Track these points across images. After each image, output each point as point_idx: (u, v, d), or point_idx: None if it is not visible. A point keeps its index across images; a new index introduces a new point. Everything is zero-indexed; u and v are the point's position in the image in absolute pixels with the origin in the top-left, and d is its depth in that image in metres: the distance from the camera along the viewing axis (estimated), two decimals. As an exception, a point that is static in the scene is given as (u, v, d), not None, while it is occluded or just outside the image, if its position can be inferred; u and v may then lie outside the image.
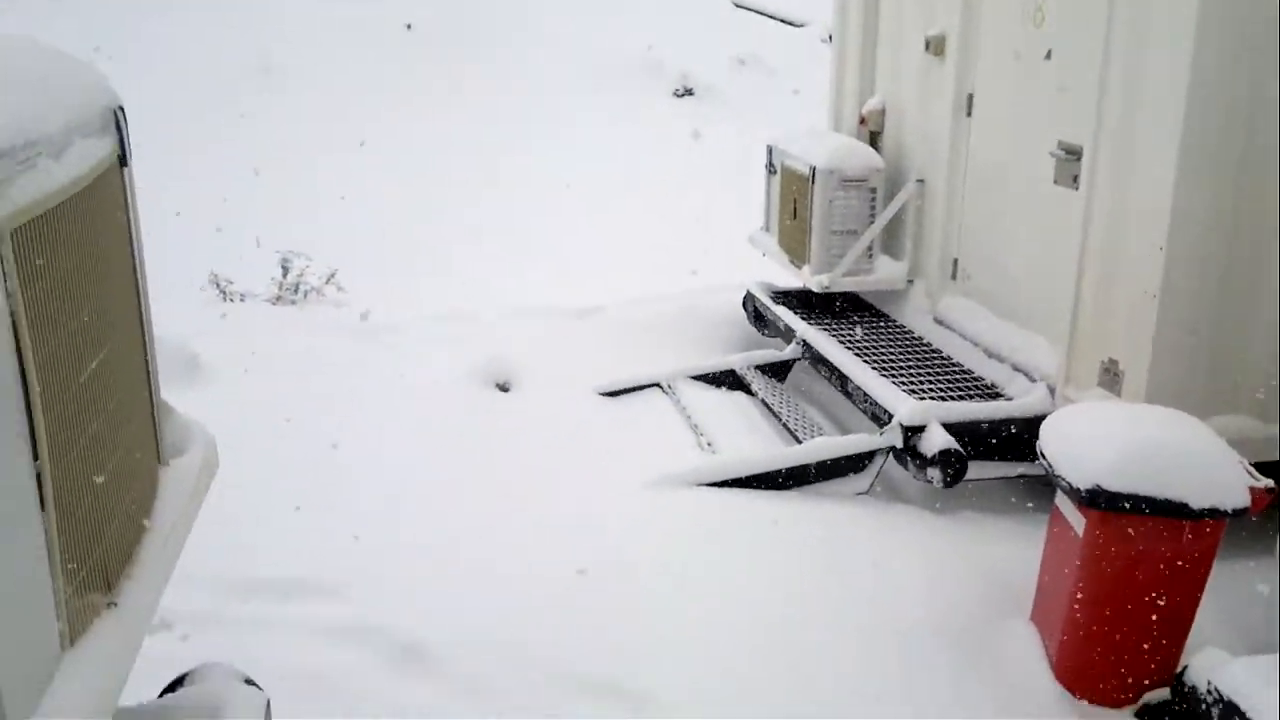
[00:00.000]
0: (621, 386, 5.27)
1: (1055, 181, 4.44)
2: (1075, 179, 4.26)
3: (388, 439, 4.38)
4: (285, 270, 6.19)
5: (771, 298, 5.91)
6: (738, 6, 13.48)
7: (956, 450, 4.07)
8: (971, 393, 4.60)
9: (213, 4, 10.47)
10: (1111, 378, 3.96)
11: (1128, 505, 2.86)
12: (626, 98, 10.17)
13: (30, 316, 1.34)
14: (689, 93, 10.52)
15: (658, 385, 5.32)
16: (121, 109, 1.95)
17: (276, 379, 4.78)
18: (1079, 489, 2.91)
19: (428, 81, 9.95)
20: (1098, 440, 2.99)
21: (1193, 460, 2.91)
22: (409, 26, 10.69)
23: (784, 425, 4.86)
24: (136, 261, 1.96)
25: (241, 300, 6.07)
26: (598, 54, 10.75)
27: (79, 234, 1.58)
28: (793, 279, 5.89)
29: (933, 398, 4.47)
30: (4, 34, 1.72)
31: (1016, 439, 4.23)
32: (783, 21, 13.19)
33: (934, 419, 4.18)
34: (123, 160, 1.92)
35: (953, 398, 4.51)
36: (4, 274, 1.29)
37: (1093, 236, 4.05)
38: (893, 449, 4.25)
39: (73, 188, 1.57)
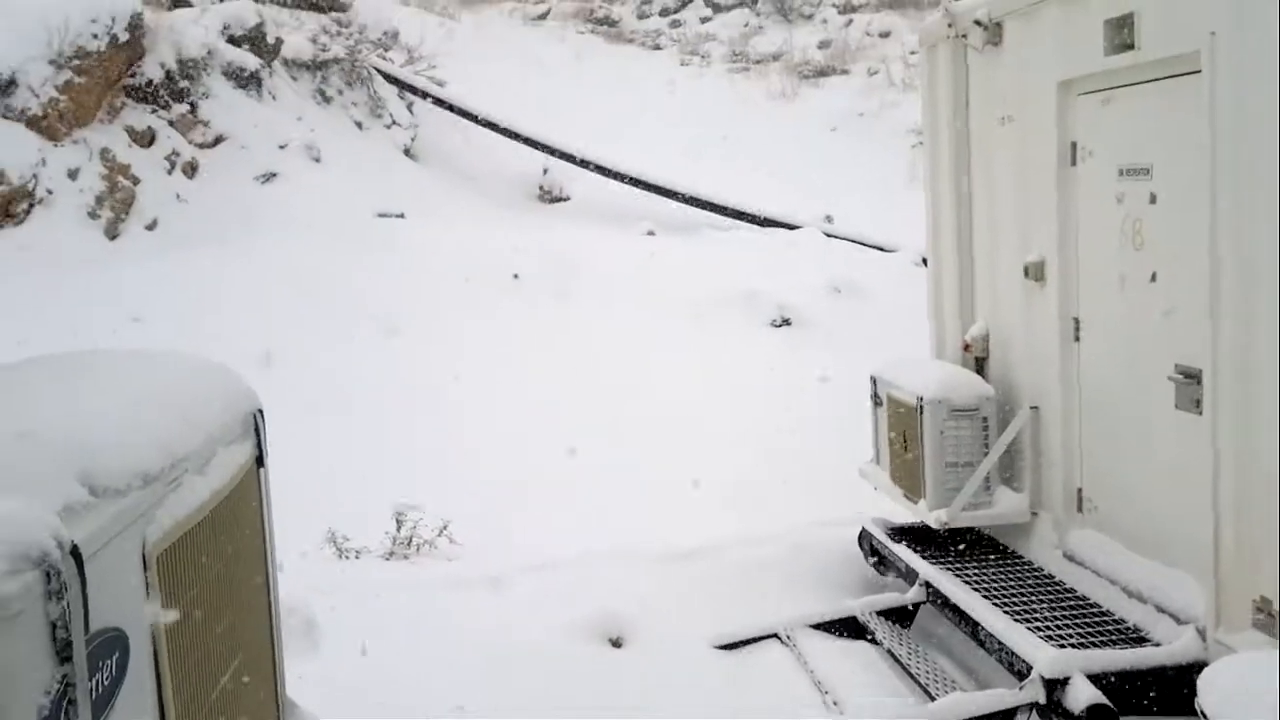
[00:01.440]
0: (738, 639, 5.11)
1: (1177, 406, 4.32)
2: (1198, 403, 4.14)
3: (503, 707, 4.29)
4: (399, 524, 6.27)
5: (889, 535, 5.73)
6: (829, 236, 13.89)
7: (1107, 707, 3.76)
8: (1114, 638, 4.31)
9: (331, 253, 11.20)
10: (1266, 619, 3.69)
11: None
12: (725, 331, 10.39)
13: (170, 637, 1.37)
14: (786, 322, 10.70)
15: (776, 636, 5.14)
16: (260, 412, 2.04)
17: (391, 644, 4.77)
18: (1250, 755, 2.67)
19: (533, 326, 10.35)
20: (1260, 698, 2.76)
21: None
22: (516, 276, 11.23)
23: (914, 679, 4.61)
24: (269, 559, 2.01)
25: (357, 557, 6.15)
26: (696, 291, 11.09)
27: (218, 544, 1.64)
28: (908, 514, 5.74)
29: (1073, 645, 4.20)
30: (155, 351, 1.84)
31: (1168, 690, 3.92)
32: (874, 248, 13.51)
33: (1077, 670, 3.91)
34: (260, 460, 2.00)
35: (1094, 644, 4.23)
36: (148, 600, 1.32)
37: (1224, 463, 3.89)
38: (1035, 705, 3.97)
39: (213, 500, 1.63)
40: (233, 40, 15.01)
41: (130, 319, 9.57)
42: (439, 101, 17.52)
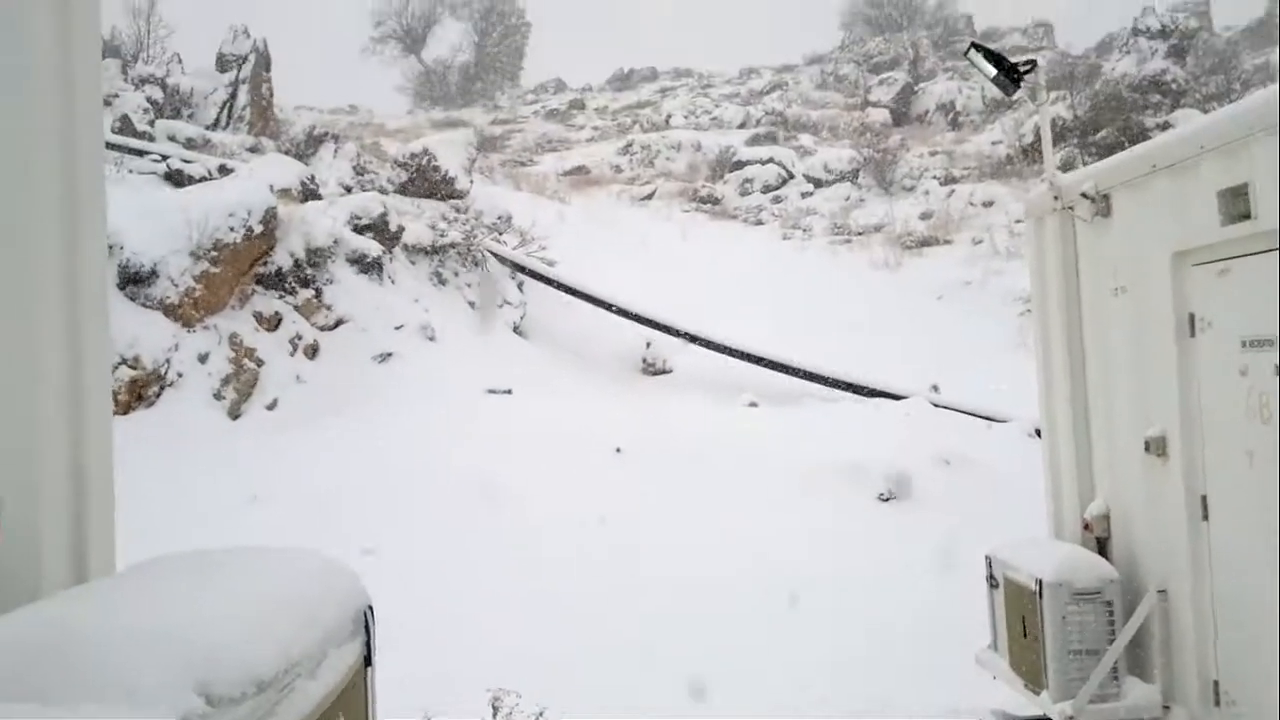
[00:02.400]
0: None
1: (1320, 593, 4.05)
2: (1342, 589, 3.88)
3: None
4: (495, 710, 6.16)
5: (1012, 728, 5.43)
6: (936, 406, 13.71)
7: None
8: None
9: (442, 429, 11.48)
10: None
11: None
12: (830, 504, 10.22)
13: None
14: (893, 496, 10.48)
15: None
16: (370, 609, 2.07)
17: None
18: None
19: (635, 499, 10.35)
20: None
21: None
22: (618, 450, 11.32)
23: None
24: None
25: (456, 753, 6.04)
26: (800, 463, 10.99)
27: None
28: (1030, 705, 5.41)
29: None
30: (274, 548, 1.91)
31: None
32: (984, 418, 13.26)
33: None
34: (368, 659, 2.02)
35: None
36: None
37: (1378, 656, 3.60)
38: None
39: (324, 702, 1.64)
40: (358, 229, 15.94)
41: (248, 498, 9.89)
42: (548, 280, 18.18)
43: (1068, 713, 4.98)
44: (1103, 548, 5.55)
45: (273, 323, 13.74)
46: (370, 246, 15.76)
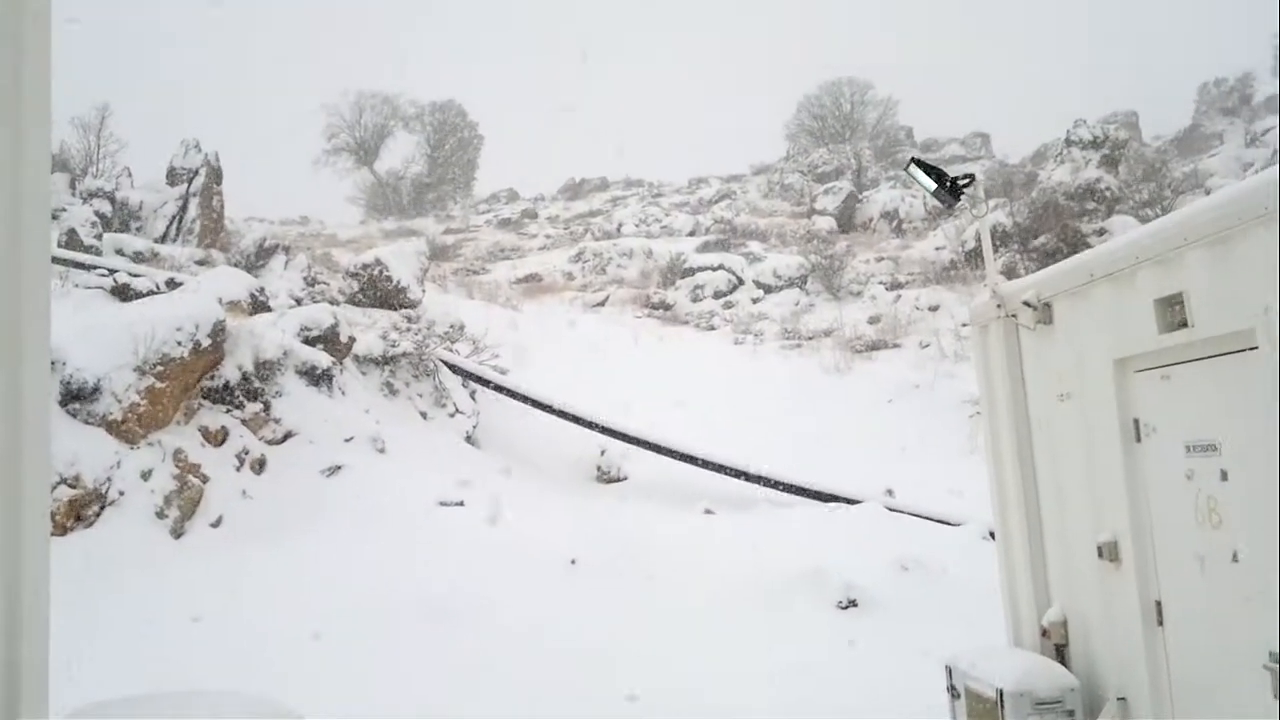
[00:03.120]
0: None
1: (1276, 696, 4.02)
2: (1298, 694, 3.86)
3: None
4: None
5: (980, 845, 5.30)
6: (891, 510, 13.72)
7: None
8: None
9: (391, 545, 11.24)
10: None
11: None
12: (790, 614, 10.10)
13: None
14: (853, 604, 10.38)
15: None
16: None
17: None
18: None
19: (590, 611, 10.17)
20: None
21: None
22: (573, 561, 11.16)
23: None
24: None
25: None
26: (758, 571, 10.89)
27: None
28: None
29: None
30: (211, 692, 1.83)
31: None
32: (939, 521, 13.28)
33: None
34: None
35: None
36: None
37: (1340, 763, 3.57)
38: None
39: None
40: (308, 340, 15.84)
41: (190, 619, 9.57)
42: (501, 388, 18.14)
43: (1035, 828, 4.88)
44: (1061, 654, 5.52)
45: (219, 438, 13.50)
46: (320, 358, 15.65)
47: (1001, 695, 5.10)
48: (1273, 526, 3.94)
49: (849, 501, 14.47)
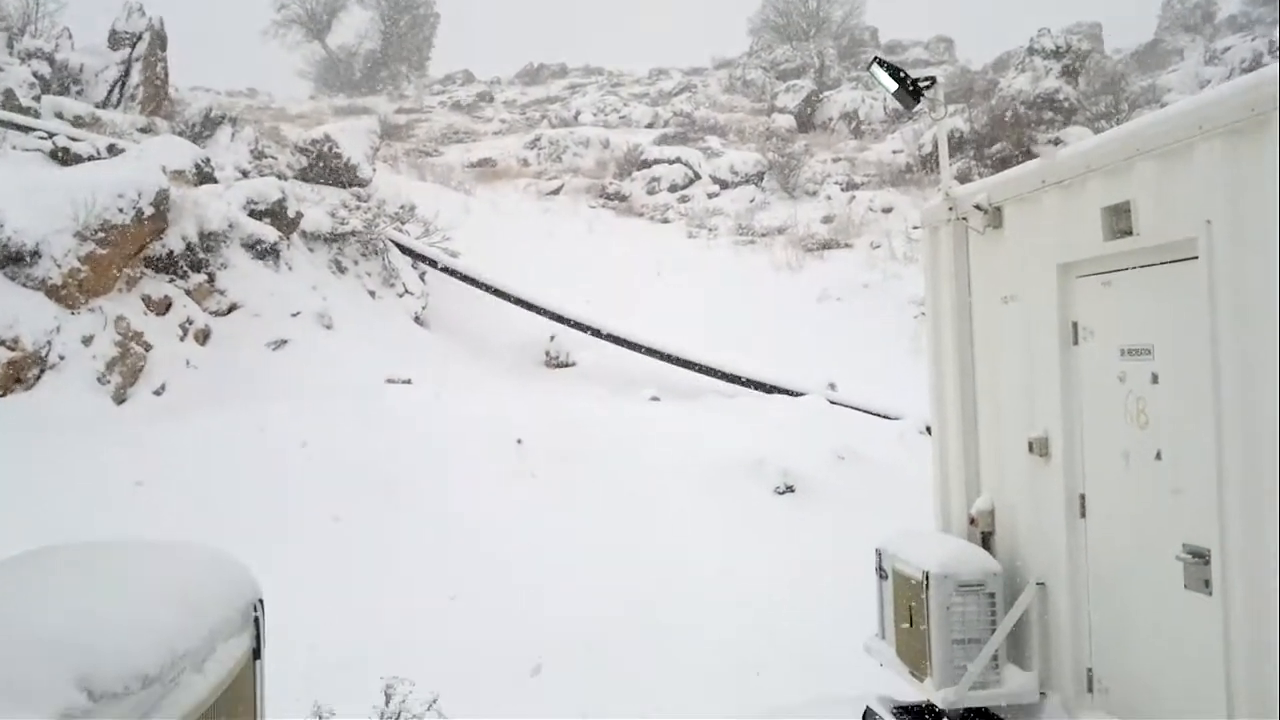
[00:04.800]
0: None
1: (1186, 586, 4.26)
2: (1207, 583, 4.09)
3: None
4: (388, 698, 6.09)
5: (894, 714, 5.58)
6: (833, 404, 13.99)
7: None
8: (1132, 829, 4.16)
9: (338, 419, 11.27)
10: (1289, 809, 3.57)
11: None
12: (729, 499, 10.36)
13: None
14: (790, 489, 10.68)
15: (784, 821, 4.97)
16: (260, 602, 2.04)
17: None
18: None
19: (535, 492, 10.34)
20: None
21: None
22: (519, 441, 11.28)
23: None
24: (260, 755, 1.98)
25: (342, 733, 5.95)
26: (699, 457, 11.12)
27: (210, 744, 1.62)
28: (914, 692, 5.59)
29: (1090, 837, 4.05)
30: (163, 541, 1.86)
31: None
32: (878, 415, 13.58)
33: None
34: (257, 653, 1.99)
35: (1113, 837, 4.08)
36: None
37: (1236, 645, 3.82)
38: None
39: (211, 696, 1.62)
40: (254, 214, 15.54)
41: (134, 484, 9.58)
42: (451, 271, 18.00)
43: (950, 699, 5.15)
44: (986, 542, 5.76)
45: (162, 307, 13.31)
46: (267, 232, 15.39)
47: (927, 577, 5.32)
48: (1195, 427, 4.12)
49: (792, 394, 14.71)
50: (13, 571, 1.69)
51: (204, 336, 13.51)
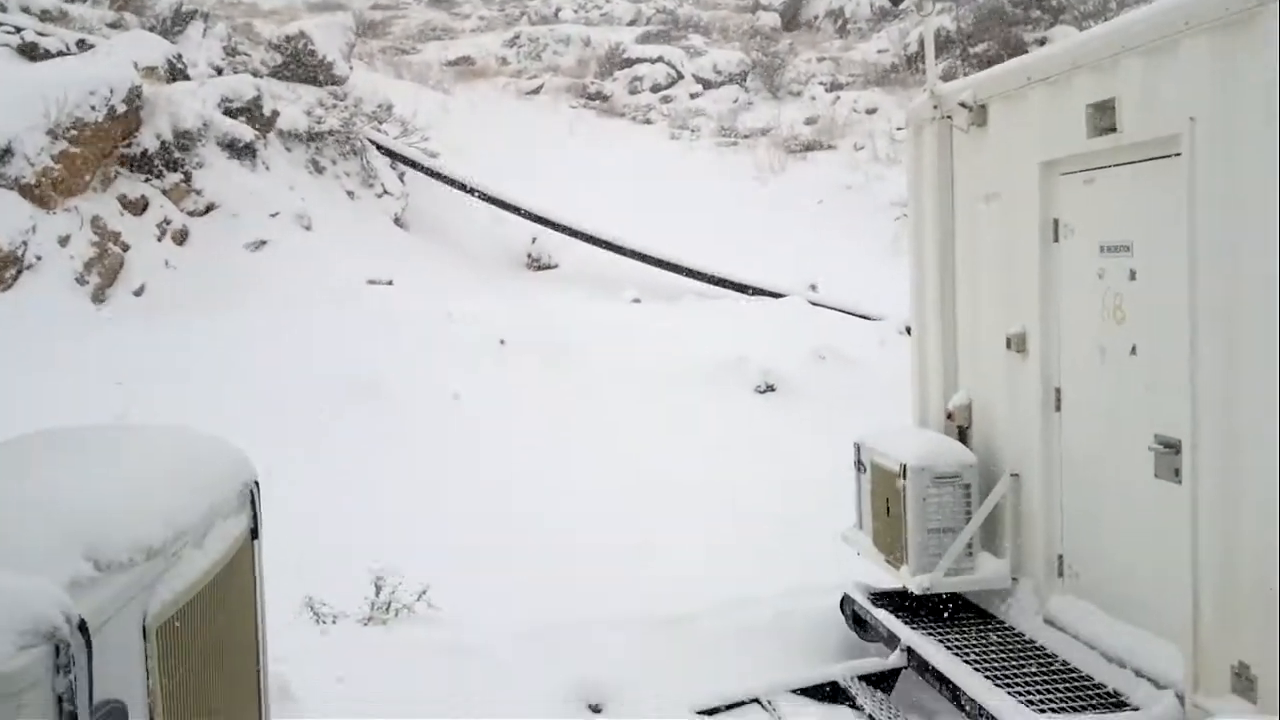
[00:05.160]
0: (720, 704, 5.10)
1: (1156, 476, 4.39)
2: (1177, 473, 4.22)
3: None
4: (378, 589, 6.24)
5: (871, 600, 5.76)
6: (814, 304, 14.05)
7: (1087, 773, 3.80)
8: (1094, 702, 4.35)
9: (319, 326, 11.27)
10: (1244, 683, 3.73)
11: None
12: (711, 397, 10.47)
13: (166, 708, 1.40)
14: (771, 388, 10.79)
15: (757, 701, 5.14)
16: (256, 483, 2.09)
17: (367, 712, 4.74)
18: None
19: (518, 392, 10.41)
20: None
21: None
22: (502, 342, 11.31)
23: (896, 747, 4.62)
24: (260, 630, 2.04)
25: (334, 622, 6.09)
26: (681, 358, 11.19)
27: (213, 616, 1.68)
28: (891, 579, 5.76)
29: (1053, 709, 4.24)
30: (156, 424, 1.89)
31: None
32: (859, 316, 13.66)
33: (1059, 737, 3.94)
34: (254, 533, 2.04)
35: (1074, 709, 4.27)
36: (147, 671, 1.35)
37: (1203, 532, 3.95)
38: (1016, 771, 3.99)
39: (210, 573, 1.67)
40: (229, 112, 15.25)
41: (114, 384, 9.59)
42: (431, 172, 17.79)
43: (924, 585, 5.33)
44: (963, 435, 5.88)
45: (138, 207, 13.16)
46: (243, 131, 15.13)
47: (904, 469, 5.46)
48: (1171, 323, 4.19)
49: (774, 295, 14.75)
50: (12, 451, 1.72)
51: (182, 237, 13.38)
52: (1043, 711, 4.18)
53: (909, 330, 7.00)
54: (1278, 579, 3.57)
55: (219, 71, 18.01)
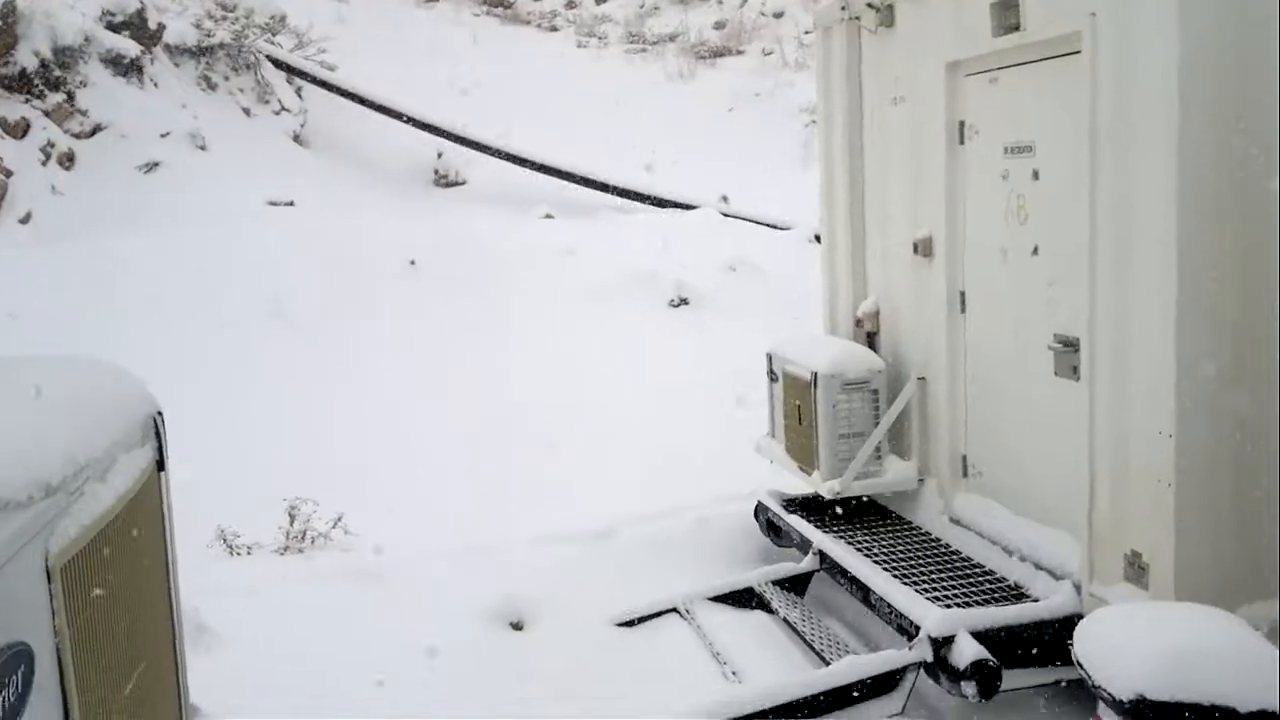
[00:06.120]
0: (638, 615, 5.21)
1: (1056, 374, 4.53)
2: (1075, 370, 4.35)
3: (397, 703, 4.30)
4: (292, 518, 6.17)
5: (783, 506, 5.89)
6: (725, 216, 14.05)
7: (990, 661, 3.97)
8: (996, 596, 4.54)
9: (219, 250, 10.91)
10: (1137, 571, 3.92)
11: (1172, 715, 2.79)
12: (624, 312, 10.47)
13: (75, 648, 1.37)
14: (684, 302, 10.83)
15: (675, 610, 5.26)
16: (160, 414, 2.03)
17: (286, 641, 4.74)
18: (1121, 701, 2.85)
19: (431, 313, 10.27)
20: (1133, 647, 2.95)
21: (1233, 661, 2.86)
22: (412, 263, 11.11)
23: (809, 645, 4.77)
24: (170, 564, 2.00)
25: (249, 553, 6.03)
26: (595, 273, 11.14)
27: (121, 552, 1.64)
28: (803, 485, 5.89)
29: (958, 604, 4.41)
30: (50, 355, 1.82)
31: (1048, 642, 4.15)
32: (769, 226, 13.71)
33: (962, 628, 4.11)
34: (160, 465, 1.99)
35: (977, 603, 4.44)
36: (53, 611, 1.32)
37: (1099, 427, 4.10)
38: (923, 664, 4.15)
39: (116, 507, 1.62)
40: (112, 26, 14.45)
41: (6, 315, 9.21)
42: (329, 86, 17.18)
43: (835, 489, 5.46)
44: (872, 342, 5.99)
45: (20, 130, 12.48)
46: (127, 46, 14.37)
47: (815, 377, 5.55)
48: (1071, 222, 4.28)
49: (685, 207, 14.71)
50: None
51: (68, 160, 12.76)
52: (948, 606, 4.35)
53: (818, 239, 7.04)
54: (1169, 472, 3.73)
55: (98, -18, 17.03)
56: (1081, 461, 4.17)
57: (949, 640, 4.09)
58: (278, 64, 17.14)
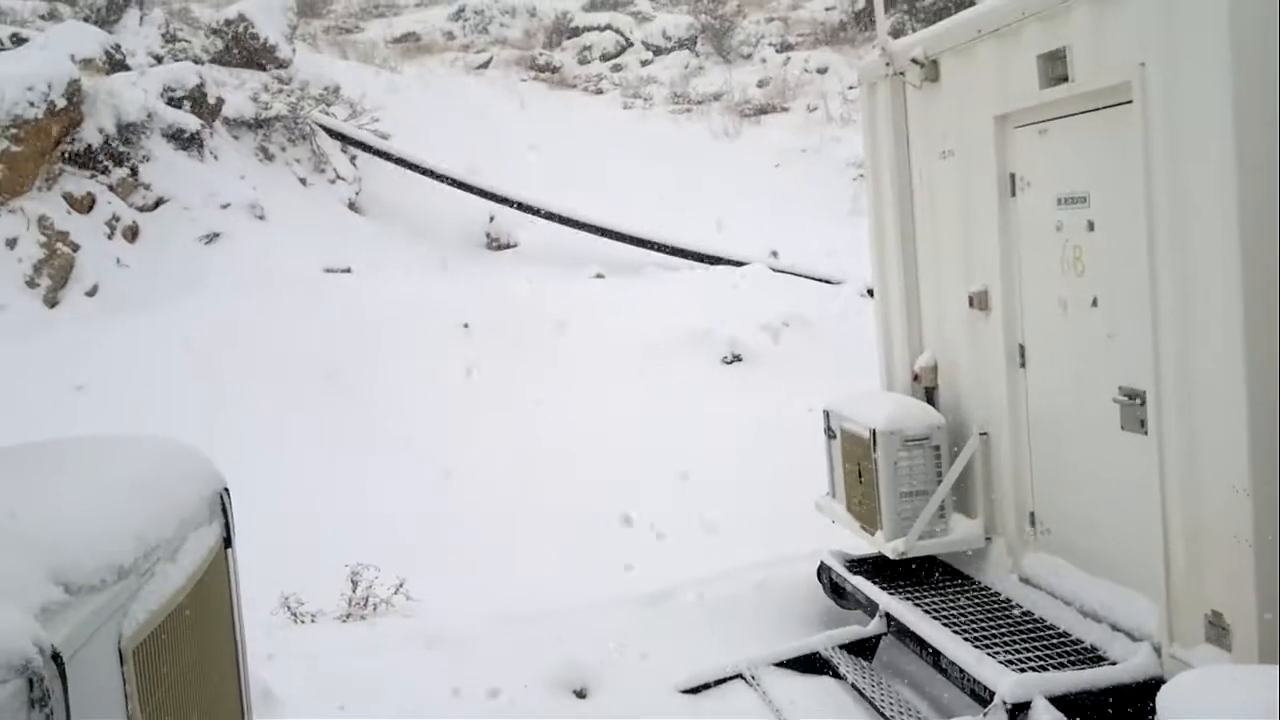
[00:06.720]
0: (703, 681, 5.13)
1: (1123, 428, 4.42)
2: (1143, 424, 4.25)
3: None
4: (355, 584, 6.20)
5: (847, 568, 5.79)
6: (775, 271, 14.03)
7: (1069, 727, 3.85)
8: (1072, 659, 4.40)
9: (278, 318, 11.11)
10: (1219, 632, 3.78)
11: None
12: (677, 371, 10.45)
13: (149, 731, 1.37)
14: (737, 359, 10.79)
15: (740, 676, 5.17)
16: (227, 491, 2.05)
17: (351, 710, 4.73)
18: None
19: (486, 375, 10.33)
20: (1220, 711, 2.83)
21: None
22: (466, 325, 11.22)
23: (879, 711, 4.65)
24: (239, 639, 2.01)
25: (312, 620, 6.06)
26: (647, 332, 11.15)
27: (191, 630, 1.64)
28: (866, 545, 5.79)
29: (1032, 668, 4.27)
30: (119, 435, 1.85)
31: (1127, 706, 4.00)
32: (821, 280, 13.67)
33: (1038, 693, 3.98)
34: (228, 541, 2.00)
35: (1053, 666, 4.31)
36: (125, 696, 1.32)
37: (1171, 483, 3.99)
38: (1001, 731, 4.03)
39: (185, 586, 1.63)
40: (173, 102, 14.94)
41: (73, 388, 9.42)
42: (383, 154, 17.55)
43: (899, 549, 5.35)
44: (931, 397, 5.90)
45: (86, 204, 12.88)
46: (188, 120, 14.82)
47: (874, 434, 5.47)
48: (1130, 272, 4.21)
49: (735, 263, 14.72)
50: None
51: (133, 233, 13.13)
52: (1023, 670, 4.22)
53: (871, 293, 7.00)
54: (1247, 530, 3.62)
55: (159, 60, 17.63)
56: (1154, 518, 4.05)
57: (1025, 706, 3.96)
58: (332, 134, 17.57)
